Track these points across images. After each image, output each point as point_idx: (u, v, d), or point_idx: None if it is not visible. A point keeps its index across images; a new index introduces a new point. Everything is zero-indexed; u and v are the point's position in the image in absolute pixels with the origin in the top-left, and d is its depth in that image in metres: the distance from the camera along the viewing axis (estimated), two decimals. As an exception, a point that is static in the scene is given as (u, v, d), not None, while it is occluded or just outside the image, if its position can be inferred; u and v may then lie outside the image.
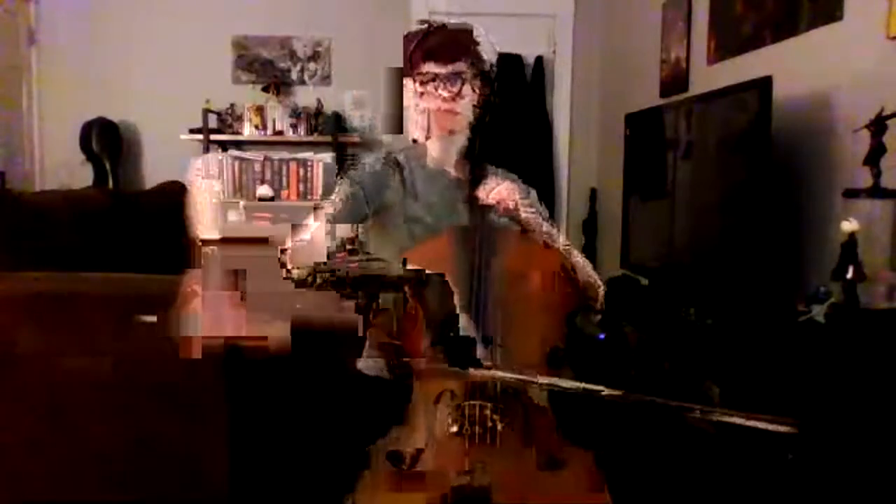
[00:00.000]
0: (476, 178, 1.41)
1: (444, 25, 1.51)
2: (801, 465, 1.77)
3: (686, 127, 2.88)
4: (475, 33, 1.49)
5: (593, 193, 4.79)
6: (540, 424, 1.19)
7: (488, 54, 1.48)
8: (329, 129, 4.53)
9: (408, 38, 1.50)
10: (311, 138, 4.57)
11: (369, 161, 1.56)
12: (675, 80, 3.54)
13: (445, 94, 1.44)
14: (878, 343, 1.76)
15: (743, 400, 2.04)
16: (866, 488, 1.64)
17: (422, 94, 1.47)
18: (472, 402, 1.15)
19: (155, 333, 1.35)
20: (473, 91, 1.45)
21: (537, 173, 4.72)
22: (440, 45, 1.45)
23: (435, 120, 1.48)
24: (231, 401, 1.91)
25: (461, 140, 1.48)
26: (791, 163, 2.44)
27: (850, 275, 1.90)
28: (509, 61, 4.63)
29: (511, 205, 1.36)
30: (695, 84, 3.34)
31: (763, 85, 2.24)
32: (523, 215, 1.40)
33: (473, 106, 1.45)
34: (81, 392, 1.89)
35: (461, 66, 1.44)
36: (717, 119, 2.64)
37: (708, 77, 3.16)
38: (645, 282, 3.22)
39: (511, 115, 4.62)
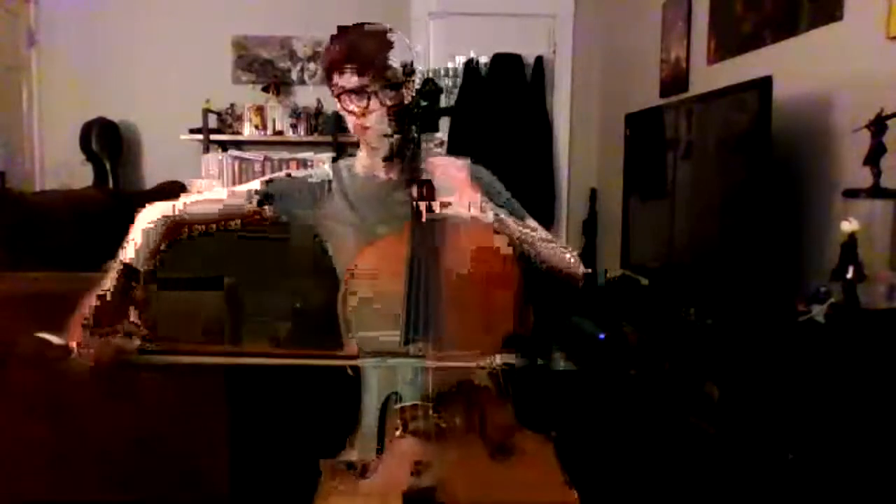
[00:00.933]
0: (412, 178, 1.38)
1: (352, 31, 1.48)
2: (801, 465, 1.77)
3: (686, 127, 2.88)
4: (385, 38, 1.45)
5: (593, 193, 4.79)
6: (490, 411, 1.19)
7: (400, 58, 1.42)
8: (329, 129, 4.54)
9: (327, 46, 1.48)
10: (311, 138, 4.57)
11: (297, 174, 1.56)
12: (675, 80, 3.54)
13: (354, 108, 1.41)
14: (878, 343, 1.76)
15: (743, 400, 2.04)
16: (866, 488, 1.64)
17: (339, 104, 1.45)
18: (408, 405, 1.15)
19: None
20: (382, 104, 1.39)
21: (537, 173, 4.72)
22: (345, 57, 1.41)
23: (353, 129, 1.46)
24: (231, 401, 1.91)
25: (384, 146, 1.44)
26: (791, 163, 2.44)
27: (850, 275, 1.90)
28: (509, 61, 4.63)
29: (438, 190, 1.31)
30: (695, 84, 3.34)
31: (763, 85, 2.24)
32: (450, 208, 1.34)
33: (388, 116, 1.39)
34: (81, 392, 1.89)
35: (365, 80, 1.39)
36: (717, 119, 2.64)
37: (708, 77, 3.16)
38: (645, 282, 3.22)
39: (511, 115, 4.62)
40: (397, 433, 1.14)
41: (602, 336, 2.80)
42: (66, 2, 4.56)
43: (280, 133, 4.58)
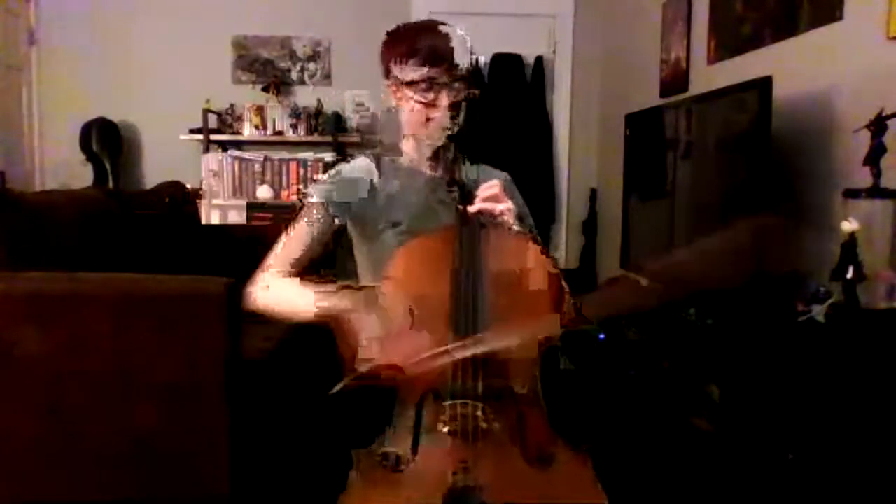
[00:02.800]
0: (455, 178, 1.40)
1: (420, 26, 1.51)
2: (801, 465, 1.77)
3: (686, 127, 2.88)
4: (451, 34, 1.46)
5: (593, 193, 4.79)
6: (530, 420, 1.18)
7: (465, 55, 1.45)
8: (329, 129, 4.54)
9: (386, 38, 1.50)
10: (311, 138, 4.57)
11: (343, 169, 1.56)
12: (675, 80, 3.54)
13: (421, 98, 1.43)
14: (878, 343, 1.76)
15: (743, 400, 2.04)
16: (866, 488, 1.64)
17: (399, 97, 1.47)
18: (455, 402, 1.14)
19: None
20: (448, 97, 1.42)
21: (537, 173, 4.72)
22: (417, 48, 1.43)
23: (410, 123, 1.48)
24: (231, 401, 1.91)
25: (437, 142, 1.47)
26: (791, 163, 2.44)
27: (850, 275, 1.90)
28: (509, 61, 4.63)
29: (496, 211, 1.33)
30: (695, 84, 3.34)
31: (763, 85, 2.24)
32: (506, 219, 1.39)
33: (449, 111, 1.43)
34: (81, 392, 1.89)
35: (435, 72, 1.41)
36: (716, 119, 2.64)
37: (708, 77, 3.16)
38: (645, 282, 3.22)
39: (511, 115, 4.62)
40: (444, 429, 1.13)
41: (602, 336, 2.80)
42: (66, 2, 4.56)
43: (280, 133, 4.58)
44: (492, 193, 1.33)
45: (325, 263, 1.54)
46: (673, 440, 2.24)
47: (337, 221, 1.50)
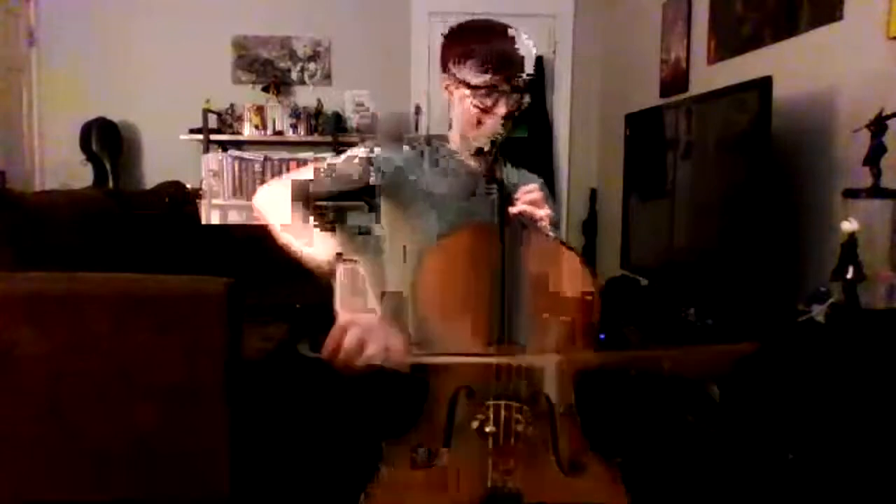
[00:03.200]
0: (495, 177, 1.40)
1: (489, 26, 1.47)
2: (801, 465, 1.77)
3: (686, 127, 2.88)
4: (518, 40, 1.45)
5: (593, 193, 4.79)
6: (564, 427, 1.18)
7: (529, 64, 1.46)
8: (329, 129, 4.54)
9: (451, 32, 1.48)
10: (311, 138, 4.57)
11: (403, 145, 1.54)
12: (675, 80, 3.54)
13: (479, 104, 1.42)
14: (878, 343, 1.76)
15: (743, 400, 2.04)
16: (866, 488, 1.64)
17: (455, 95, 1.45)
18: (498, 402, 1.13)
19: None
20: (506, 106, 1.42)
21: (537, 173, 4.71)
22: (482, 51, 1.41)
23: (461, 122, 1.47)
24: (231, 401, 1.91)
25: (483, 144, 1.48)
26: (791, 163, 2.44)
27: (850, 275, 1.90)
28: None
29: (537, 215, 1.32)
30: (695, 84, 3.34)
31: (763, 85, 2.24)
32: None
33: (503, 119, 1.43)
34: (81, 392, 1.89)
35: (498, 79, 1.40)
36: (717, 119, 2.64)
37: (708, 77, 3.16)
38: (645, 282, 3.22)
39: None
40: (483, 428, 1.12)
41: (602, 336, 2.80)
42: (66, 2, 4.56)
43: (280, 133, 4.58)
44: (533, 198, 1.32)
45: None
46: (673, 440, 2.24)
47: (372, 176, 1.43)
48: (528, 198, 1.31)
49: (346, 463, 1.26)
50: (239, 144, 4.66)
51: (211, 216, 4.48)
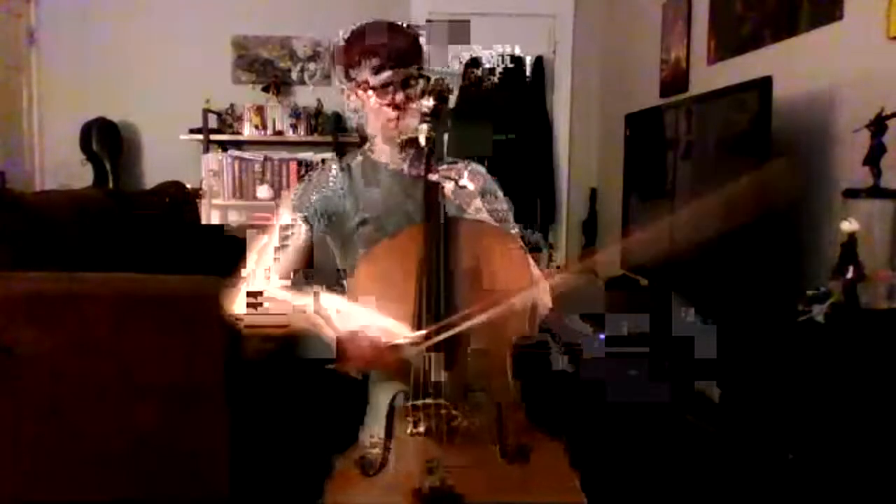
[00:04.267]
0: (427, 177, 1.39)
1: (376, 25, 1.50)
2: (801, 465, 1.77)
3: (686, 127, 2.88)
4: (411, 33, 1.48)
5: (593, 193, 4.79)
6: (507, 415, 1.18)
7: (419, 53, 1.47)
8: (329, 129, 4.54)
9: (346, 39, 1.51)
10: (311, 138, 4.57)
11: (313, 175, 1.55)
12: (675, 80, 3.54)
13: (386, 101, 1.42)
14: (878, 343, 1.76)
15: (743, 400, 2.04)
16: (866, 488, 1.64)
17: (360, 98, 1.46)
18: (427, 402, 1.14)
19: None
20: (421, 96, 1.39)
21: (537, 173, 4.72)
22: (392, 48, 1.42)
23: (382, 123, 1.46)
24: (231, 401, 1.91)
25: (411, 142, 1.45)
26: (791, 163, 2.44)
27: (850, 275, 1.90)
28: (509, 61, 4.63)
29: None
30: (695, 84, 3.34)
31: (763, 85, 2.24)
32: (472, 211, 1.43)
33: (422, 110, 1.39)
34: (81, 392, 1.89)
35: (413, 69, 1.42)
36: (717, 119, 2.64)
37: (708, 77, 3.16)
38: (645, 282, 3.22)
39: (511, 115, 4.62)
40: (409, 430, 1.13)
41: (602, 336, 2.80)
42: (66, 2, 4.56)
43: (280, 133, 4.58)
44: (454, 169, 1.38)
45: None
46: (673, 440, 2.24)
47: (312, 229, 1.48)
48: (446, 170, 1.35)
49: (300, 476, 1.28)
50: (239, 144, 4.66)
51: (211, 216, 4.48)
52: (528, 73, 4.72)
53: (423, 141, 1.37)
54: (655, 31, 3.76)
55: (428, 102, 1.35)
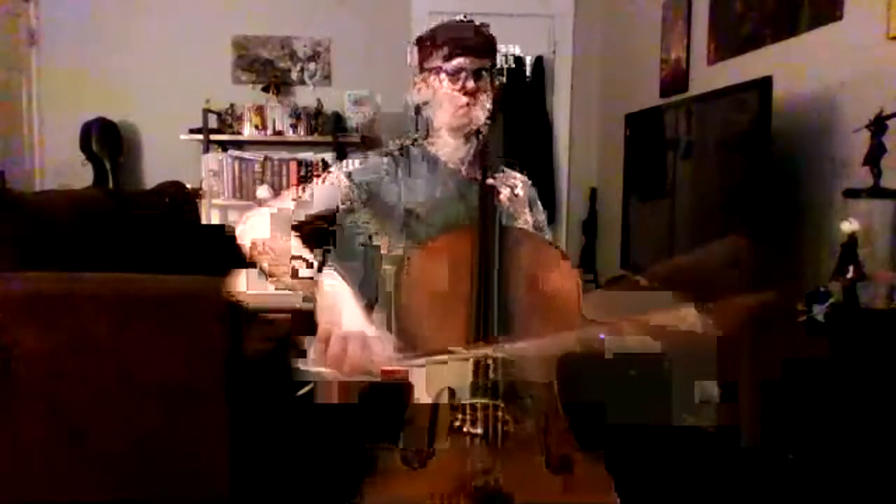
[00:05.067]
0: (487, 176, 1.43)
1: (453, 22, 1.53)
2: (801, 465, 1.77)
3: (686, 127, 2.88)
4: (482, 29, 1.52)
5: (593, 193, 4.79)
6: (552, 425, 1.17)
7: (493, 49, 1.51)
8: (329, 129, 4.54)
9: (418, 39, 1.52)
10: (311, 138, 4.57)
11: (371, 153, 1.56)
12: (675, 80, 3.54)
13: (457, 87, 1.44)
14: (878, 343, 1.76)
15: (743, 400, 2.04)
16: (866, 488, 1.64)
17: (431, 87, 1.48)
18: (482, 401, 1.13)
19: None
20: (491, 88, 1.46)
21: (537, 173, 4.71)
22: (445, 40, 1.46)
23: (450, 111, 1.48)
24: (231, 401, 1.91)
25: (474, 137, 1.49)
26: (791, 163, 2.44)
27: (850, 275, 1.90)
28: (510, 61, 4.64)
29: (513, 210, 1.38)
30: (695, 84, 3.34)
31: (763, 85, 2.24)
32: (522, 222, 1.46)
33: (488, 102, 1.46)
34: (81, 392, 1.89)
35: (486, 61, 1.46)
36: (717, 119, 2.64)
37: (708, 77, 3.16)
38: (645, 282, 3.22)
39: (511, 115, 4.62)
40: (465, 428, 1.11)
41: (602, 336, 2.80)
42: (66, 2, 4.56)
43: (280, 133, 4.58)
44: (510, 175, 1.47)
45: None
46: (673, 440, 2.24)
47: (353, 195, 1.46)
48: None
49: (339, 467, 1.26)
50: (239, 144, 4.66)
51: (211, 216, 4.48)
52: (528, 73, 4.73)
53: (476, 139, 1.44)
54: (655, 31, 3.76)
55: (490, 101, 1.43)
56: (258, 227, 1.36)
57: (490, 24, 1.57)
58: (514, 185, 1.59)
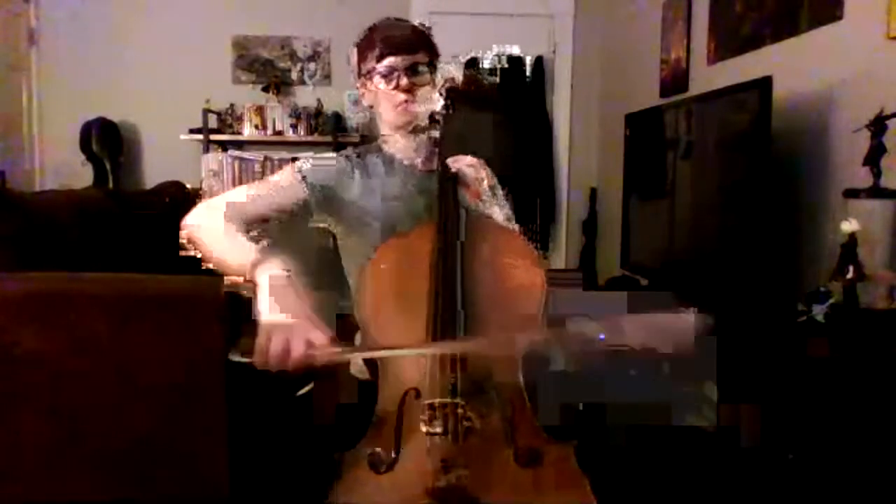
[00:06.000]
0: (444, 168, 1.43)
1: (381, 23, 1.55)
2: (801, 465, 1.77)
3: (686, 127, 2.89)
4: (414, 25, 1.53)
5: (593, 193, 4.79)
6: (518, 417, 1.16)
7: (424, 42, 1.50)
8: (329, 129, 4.54)
9: (364, 33, 1.54)
10: (311, 138, 4.57)
11: (329, 153, 1.57)
12: (675, 80, 3.54)
13: (392, 86, 1.45)
14: (878, 343, 1.76)
15: (743, 400, 2.04)
16: (866, 488, 1.64)
17: (381, 89, 1.48)
18: (441, 400, 1.12)
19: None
20: (431, 82, 1.46)
21: (537, 173, 4.72)
22: (396, 37, 1.47)
23: (392, 112, 1.49)
24: (231, 401, 1.91)
25: (424, 132, 1.49)
26: (791, 163, 2.44)
27: (850, 275, 1.90)
28: (509, 61, 4.63)
29: (473, 183, 1.40)
30: (695, 84, 3.34)
31: (763, 85, 2.24)
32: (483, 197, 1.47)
33: (429, 96, 1.46)
34: (81, 392, 1.89)
35: (419, 56, 1.46)
36: (716, 119, 2.64)
37: (708, 77, 3.16)
38: (645, 282, 3.22)
39: (511, 115, 4.62)
40: (424, 429, 1.10)
41: (602, 336, 2.80)
42: (66, 2, 4.56)
43: (280, 133, 4.58)
44: (471, 161, 1.44)
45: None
46: (673, 440, 2.24)
47: (305, 194, 1.45)
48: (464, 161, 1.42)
49: (307, 474, 1.25)
50: (239, 144, 4.66)
51: (211, 216, 4.47)
52: (528, 73, 4.73)
53: (426, 133, 1.44)
54: (655, 31, 3.76)
55: (433, 92, 1.43)
56: (208, 216, 1.36)
57: (490, 24, 1.58)
58: (480, 177, 1.57)
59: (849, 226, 1.92)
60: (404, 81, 1.45)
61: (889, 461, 1.59)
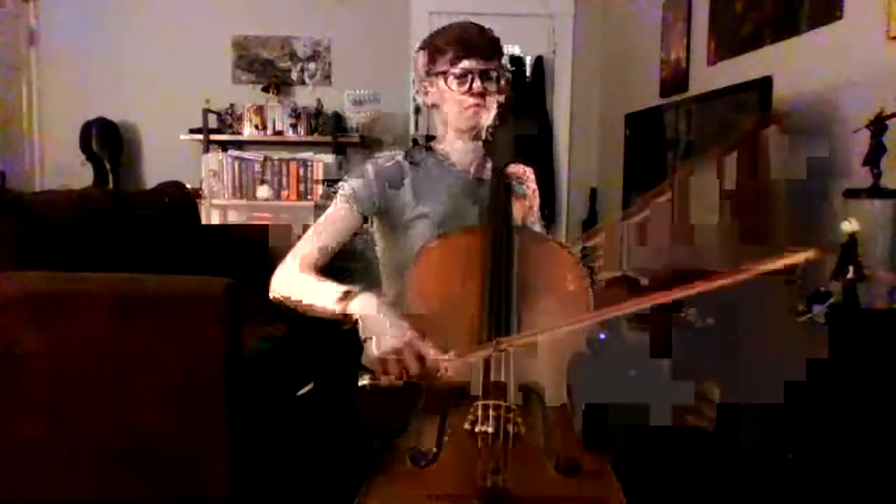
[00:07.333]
0: (500, 177, 1.44)
1: (459, 23, 1.55)
2: (801, 465, 1.77)
3: (686, 127, 2.89)
4: (486, 30, 1.54)
5: (593, 193, 4.80)
6: (559, 427, 1.17)
7: (499, 51, 1.52)
8: (329, 129, 4.54)
9: (437, 33, 1.53)
10: (311, 138, 4.57)
11: (377, 162, 1.54)
12: (675, 80, 3.54)
13: (464, 90, 1.46)
14: (878, 343, 1.76)
15: (742, 400, 2.04)
16: (866, 488, 1.64)
17: (438, 90, 1.49)
18: (490, 402, 1.12)
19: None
20: (500, 91, 1.48)
21: (537, 173, 4.71)
22: (474, 41, 1.47)
23: (458, 115, 1.49)
24: (230, 401, 1.91)
25: (482, 139, 1.50)
26: (791, 162, 2.43)
27: (850, 275, 1.90)
28: (509, 61, 4.64)
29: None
30: (695, 84, 3.34)
31: (763, 85, 2.24)
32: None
33: (498, 105, 1.47)
34: (81, 392, 1.89)
35: (494, 63, 1.47)
36: (716, 119, 2.64)
37: (708, 77, 3.16)
38: (645, 282, 3.21)
39: (511, 115, 4.62)
40: (475, 428, 1.10)
41: (602, 336, 2.80)
42: (66, 2, 4.56)
43: (280, 133, 4.58)
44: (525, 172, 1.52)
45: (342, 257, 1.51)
46: (673, 440, 2.24)
47: (361, 215, 1.48)
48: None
49: (343, 464, 1.26)
50: (239, 144, 4.66)
51: (211, 216, 4.48)
52: (528, 73, 4.73)
53: (482, 135, 1.46)
54: (655, 31, 3.76)
55: (500, 99, 1.44)
56: (283, 276, 1.41)
57: (490, 24, 1.58)
58: (526, 181, 1.63)
59: (849, 226, 1.92)
60: (477, 85, 1.46)
61: (889, 461, 1.59)
